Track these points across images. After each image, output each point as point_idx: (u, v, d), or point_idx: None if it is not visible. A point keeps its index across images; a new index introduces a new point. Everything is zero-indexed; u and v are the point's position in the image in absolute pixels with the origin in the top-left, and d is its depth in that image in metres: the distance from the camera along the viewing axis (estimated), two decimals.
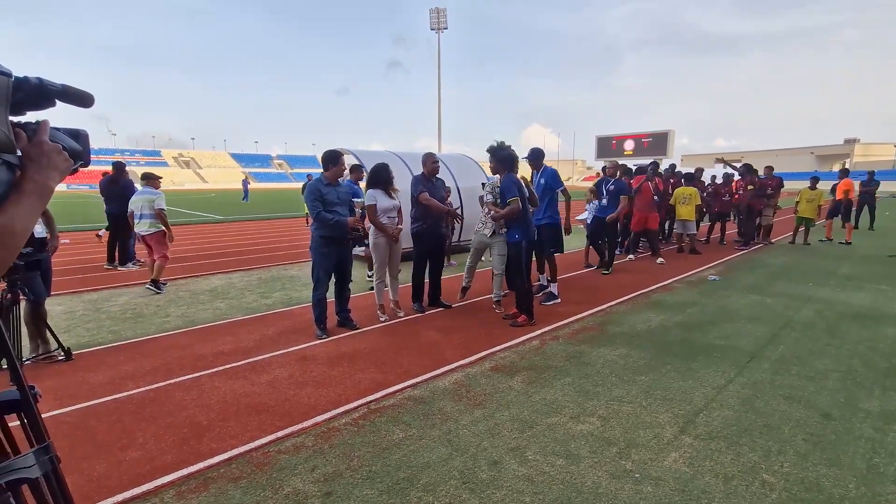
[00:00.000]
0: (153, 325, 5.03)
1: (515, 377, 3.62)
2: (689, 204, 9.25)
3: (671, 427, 2.88)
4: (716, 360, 3.92)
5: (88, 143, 1.15)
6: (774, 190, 10.51)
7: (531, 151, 5.98)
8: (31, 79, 0.96)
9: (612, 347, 4.22)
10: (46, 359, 3.98)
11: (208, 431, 2.87)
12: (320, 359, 4.03)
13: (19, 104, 0.94)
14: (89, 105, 1.06)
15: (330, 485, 2.36)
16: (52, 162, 0.95)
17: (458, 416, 3.04)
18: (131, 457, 2.62)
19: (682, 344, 4.31)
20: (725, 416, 3.01)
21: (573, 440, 2.74)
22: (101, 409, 3.17)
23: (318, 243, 4.56)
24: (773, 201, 10.46)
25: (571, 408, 3.13)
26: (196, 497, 2.28)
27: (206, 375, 3.69)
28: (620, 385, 3.47)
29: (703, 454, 2.59)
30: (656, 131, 48.95)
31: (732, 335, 4.53)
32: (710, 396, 3.28)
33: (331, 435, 2.83)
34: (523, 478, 2.40)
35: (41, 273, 3.95)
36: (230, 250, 10.52)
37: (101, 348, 4.35)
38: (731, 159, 12.91)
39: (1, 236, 0.83)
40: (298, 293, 6.34)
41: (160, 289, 6.50)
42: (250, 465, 2.53)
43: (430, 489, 2.32)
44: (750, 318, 5.05)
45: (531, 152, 5.97)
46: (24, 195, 0.89)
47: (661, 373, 3.67)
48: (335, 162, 4.57)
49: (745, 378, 3.57)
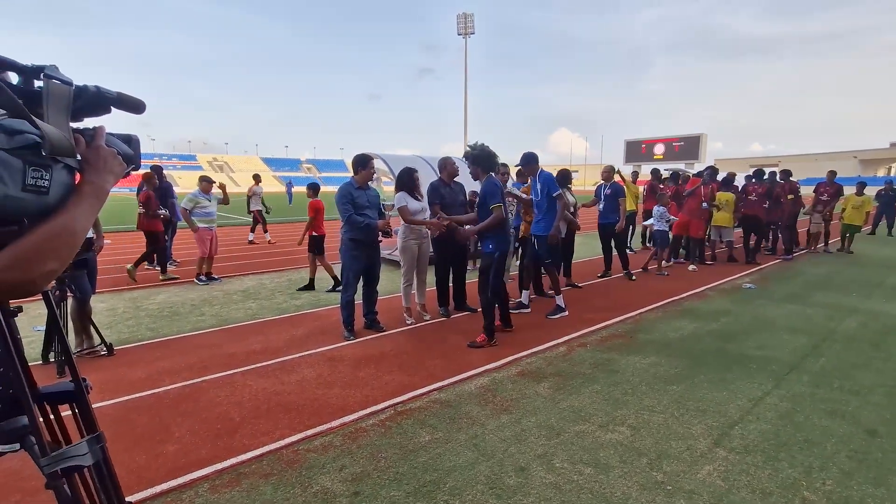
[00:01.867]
0: (189, 323, 5.20)
1: (542, 383, 3.58)
2: (725, 210, 8.93)
3: (705, 439, 2.80)
4: (752, 371, 3.78)
5: (139, 147, 1.21)
6: (832, 197, 10.17)
7: (523, 157, 5.42)
8: (90, 87, 1.02)
9: (642, 356, 4.13)
10: (90, 353, 4.18)
11: (241, 428, 2.95)
12: (348, 360, 4.09)
13: (79, 111, 1.00)
14: (141, 111, 1.11)
15: (357, 485, 2.39)
16: (108, 165, 1.01)
17: (484, 420, 3.03)
18: (168, 450, 2.71)
19: (715, 354, 4.17)
20: (762, 430, 2.90)
21: (602, 449, 2.69)
22: (141, 403, 3.31)
23: (348, 246, 4.64)
24: (828, 209, 10.08)
25: (600, 416, 3.08)
26: (229, 491, 2.34)
27: (238, 373, 3.80)
28: (651, 394, 3.38)
29: (738, 468, 2.50)
30: (688, 135, 47.74)
31: (769, 346, 4.36)
32: (745, 409, 3.16)
33: (358, 435, 2.87)
34: (551, 485, 2.37)
35: (87, 272, 4.14)
36: (260, 252, 10.80)
37: (141, 344, 4.53)
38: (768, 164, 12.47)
39: (63, 235, 0.88)
40: (326, 295, 6.45)
41: (204, 281, 7.16)
42: (280, 463, 2.58)
43: (457, 493, 2.32)
44: (788, 329, 4.85)
45: (523, 158, 5.43)
46: (83, 197, 0.94)
47: (694, 383, 3.56)
48: (364, 165, 4.65)
49: (784, 391, 3.43)
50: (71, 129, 0.96)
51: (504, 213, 4.35)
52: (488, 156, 4.38)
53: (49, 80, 0.94)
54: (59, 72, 0.98)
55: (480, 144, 4.43)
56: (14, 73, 0.95)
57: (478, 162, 4.38)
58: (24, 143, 0.85)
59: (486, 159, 4.38)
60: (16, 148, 0.84)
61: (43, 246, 0.85)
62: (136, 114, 1.11)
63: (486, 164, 4.38)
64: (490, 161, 4.40)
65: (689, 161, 42.95)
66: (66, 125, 0.94)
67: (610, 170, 7.90)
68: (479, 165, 4.38)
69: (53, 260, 0.86)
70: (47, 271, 0.86)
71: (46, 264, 0.85)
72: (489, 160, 4.38)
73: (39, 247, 0.85)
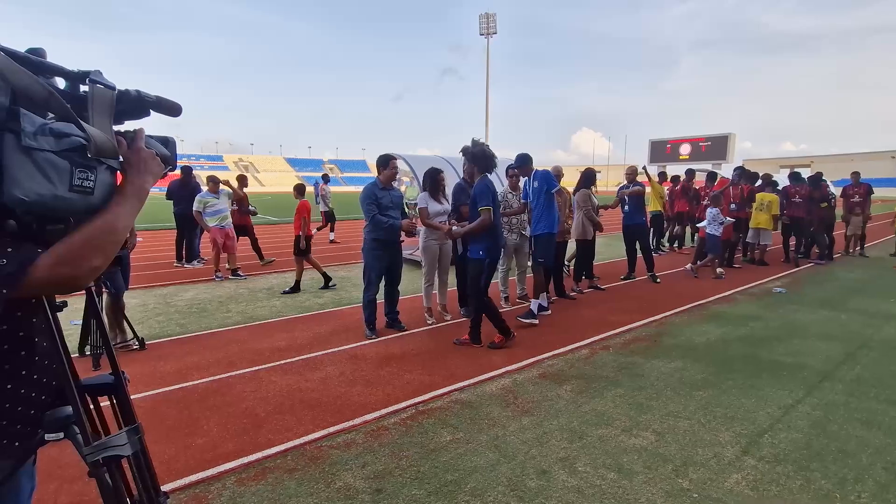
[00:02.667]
0: (216, 319, 5.34)
1: (564, 386, 3.55)
2: (766, 211, 8.63)
3: (732, 447, 2.72)
4: (783, 378, 3.67)
5: (175, 148, 1.25)
6: (864, 197, 9.75)
7: (518, 158, 5.27)
8: (131, 91, 1.06)
9: (667, 360, 4.05)
10: (123, 347, 4.33)
11: (266, 423, 3.02)
12: (370, 358, 4.13)
13: (120, 114, 1.04)
14: (178, 114, 1.15)
15: (380, 482, 2.41)
16: (148, 166, 1.05)
17: (505, 422, 3.02)
18: (197, 443, 2.79)
19: (744, 360, 4.06)
20: (793, 439, 2.80)
21: (625, 454, 2.65)
22: (171, 397, 3.41)
23: (371, 246, 4.68)
24: (866, 210, 9.71)
25: (623, 420, 3.03)
26: (255, 485, 2.40)
27: (263, 370, 3.88)
28: (676, 399, 3.32)
29: (768, 478, 2.43)
30: (715, 134, 46.49)
31: (801, 353, 4.22)
32: (776, 417, 3.07)
33: (380, 433, 2.89)
34: (573, 489, 2.35)
35: (121, 268, 4.29)
36: (285, 250, 10.98)
37: (170, 339, 4.67)
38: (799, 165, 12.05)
39: (107, 233, 0.92)
40: (348, 293, 6.53)
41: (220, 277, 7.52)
42: (305, 458, 2.63)
43: (478, 494, 2.31)
44: (821, 336, 4.68)
45: (518, 158, 5.27)
46: (125, 197, 0.99)
47: (721, 389, 3.48)
48: (385, 165, 4.68)
49: (816, 399, 3.32)
50: (113, 131, 1.00)
51: (493, 217, 4.13)
52: (486, 157, 4.23)
53: (94, 84, 0.98)
54: (103, 77, 1.02)
55: (481, 143, 4.30)
56: (61, 78, 1.00)
57: (475, 160, 4.27)
58: (72, 145, 0.89)
59: (484, 159, 4.24)
60: (64, 150, 0.88)
61: (89, 243, 0.89)
62: (172, 117, 1.15)
63: (482, 163, 4.25)
64: (487, 162, 4.25)
65: (716, 161, 41.83)
66: (109, 128, 0.98)
67: (633, 171, 7.76)
68: (477, 164, 4.27)
69: (99, 256, 0.91)
70: (93, 267, 0.90)
71: (92, 261, 0.90)
72: (486, 161, 4.24)
73: (86, 244, 0.89)
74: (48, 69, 0.97)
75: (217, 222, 7.30)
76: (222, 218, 7.36)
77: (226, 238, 7.38)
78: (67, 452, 1.01)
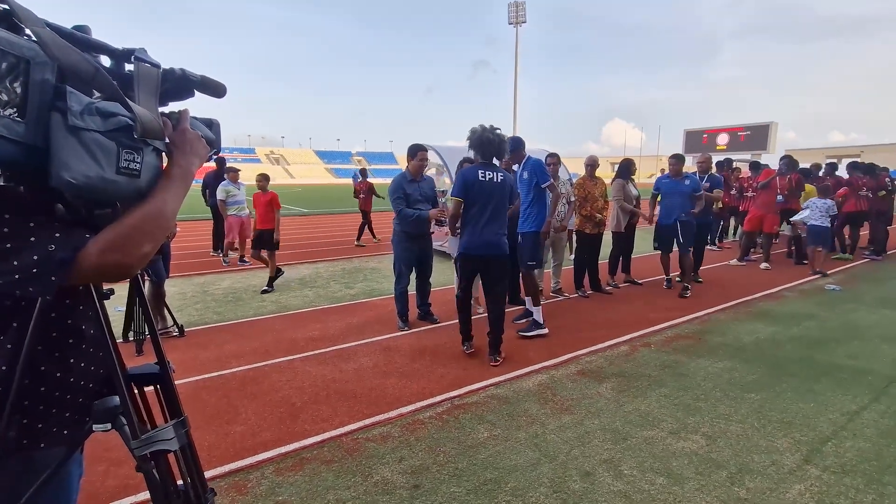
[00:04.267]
0: (251, 308, 5.42)
1: (604, 384, 3.41)
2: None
3: (792, 454, 2.54)
4: (844, 382, 3.42)
5: (220, 131, 1.20)
6: None
7: (510, 141, 4.44)
8: (176, 69, 1.00)
9: (714, 359, 3.84)
10: (164, 334, 4.44)
11: (302, 413, 3.02)
12: (403, 350, 4.09)
13: (165, 94, 0.98)
14: (222, 95, 1.09)
15: (417, 478, 2.36)
16: (193, 149, 0.99)
17: (544, 419, 2.92)
18: (236, 430, 2.81)
19: (800, 362, 3.81)
20: (861, 448, 2.59)
21: (674, 458, 2.51)
22: (210, 384, 3.46)
23: (400, 237, 4.63)
24: None
25: (670, 422, 2.88)
26: (293, 475, 2.38)
27: (298, 359, 3.89)
28: (726, 402, 3.13)
29: (835, 490, 2.25)
30: (755, 124, 44.35)
31: (863, 355, 3.93)
32: (839, 423, 2.85)
33: (416, 427, 2.84)
34: (619, 494, 2.23)
35: (162, 257, 4.39)
36: (315, 241, 11.13)
37: (208, 327, 4.77)
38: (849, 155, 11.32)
39: (157, 218, 0.87)
40: (380, 285, 6.52)
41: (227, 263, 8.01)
42: (341, 450, 2.60)
43: (519, 494, 2.23)
44: (885, 338, 4.35)
45: (510, 142, 4.44)
46: (172, 180, 0.93)
47: (776, 392, 3.27)
48: (413, 155, 4.60)
49: (884, 406, 3.07)
50: (159, 112, 0.95)
51: (456, 210, 3.75)
52: (483, 143, 3.69)
53: (139, 62, 0.93)
54: (148, 55, 0.97)
55: (482, 127, 3.74)
56: (106, 57, 0.96)
57: (472, 147, 3.78)
58: (118, 125, 0.84)
59: (480, 146, 3.71)
60: (111, 130, 0.83)
61: (139, 229, 0.84)
62: (217, 97, 1.10)
63: (477, 148, 3.74)
64: (483, 148, 3.70)
65: (756, 152, 39.99)
66: (155, 108, 0.93)
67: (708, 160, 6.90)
68: (476, 149, 3.77)
69: (149, 242, 0.86)
70: (144, 253, 0.86)
71: (143, 247, 0.85)
72: (482, 145, 3.70)
73: (136, 230, 0.84)
74: (94, 46, 0.92)
75: (235, 211, 7.64)
76: (240, 208, 7.68)
77: (241, 226, 7.69)
78: (114, 435, 0.99)
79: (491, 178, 3.68)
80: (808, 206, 7.28)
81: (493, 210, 3.70)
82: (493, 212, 3.69)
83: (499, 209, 3.73)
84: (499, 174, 3.73)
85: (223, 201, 7.53)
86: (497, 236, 3.73)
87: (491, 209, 3.69)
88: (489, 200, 3.68)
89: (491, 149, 3.71)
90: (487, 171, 3.69)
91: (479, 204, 3.67)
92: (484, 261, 3.78)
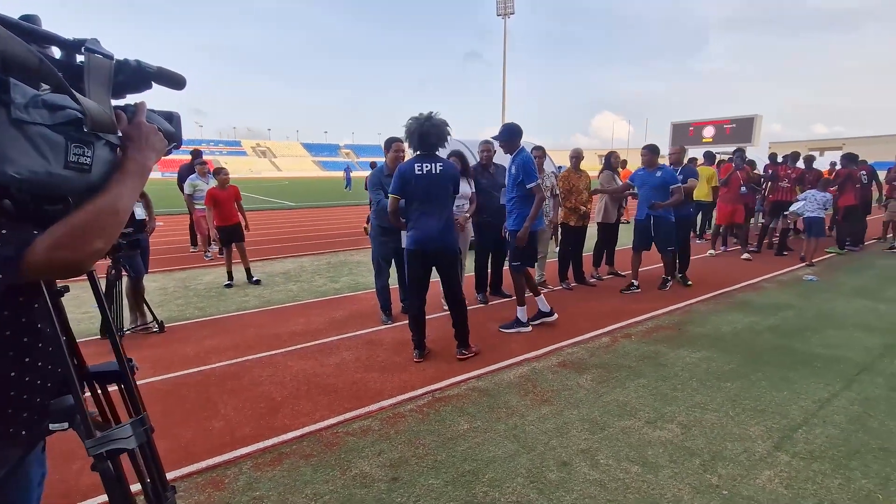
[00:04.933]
0: (234, 303, 5.37)
1: (584, 375, 3.45)
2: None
3: (764, 442, 2.60)
4: (817, 370, 3.50)
5: (181, 124, 1.17)
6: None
7: (502, 129, 4.20)
8: (131, 61, 0.97)
9: (693, 349, 3.91)
10: (143, 330, 4.38)
11: (282, 408, 3.00)
12: (386, 344, 4.09)
13: (120, 86, 0.96)
14: (181, 87, 1.07)
15: (396, 470, 2.37)
16: (150, 142, 0.97)
17: (524, 411, 2.95)
18: (215, 426, 2.79)
19: (775, 350, 3.89)
20: (830, 435, 2.66)
21: (650, 447, 2.55)
22: (190, 380, 3.43)
23: (377, 232, 4.60)
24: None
25: (647, 412, 2.93)
26: (271, 470, 2.38)
27: (279, 354, 3.87)
28: (703, 391, 3.19)
29: (803, 476, 2.31)
30: (740, 116, 44.86)
31: (838, 344, 4.02)
32: (810, 411, 2.93)
33: (396, 420, 2.85)
34: (595, 482, 2.27)
35: (140, 252, 4.32)
36: (301, 235, 11.04)
37: (189, 322, 4.71)
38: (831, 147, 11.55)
39: (109, 214, 0.85)
40: (365, 278, 6.50)
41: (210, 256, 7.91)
42: (320, 444, 2.60)
43: (496, 485, 2.25)
44: (859, 326, 4.46)
45: (502, 130, 4.19)
46: (126, 174, 0.91)
47: (751, 381, 3.33)
48: (388, 148, 4.51)
49: (854, 393, 3.15)
50: (112, 105, 0.93)
51: (394, 206, 3.60)
52: (422, 134, 3.49)
53: (90, 53, 0.90)
54: (101, 45, 0.94)
55: (431, 116, 3.53)
56: (56, 48, 0.93)
57: (414, 137, 3.55)
58: (66, 118, 0.81)
59: (419, 136, 3.51)
60: (58, 124, 0.81)
61: (89, 225, 0.82)
62: (176, 89, 1.07)
63: (417, 141, 3.53)
64: (421, 139, 3.51)
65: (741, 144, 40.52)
66: (107, 100, 0.91)
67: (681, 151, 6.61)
68: (414, 140, 3.55)
69: (100, 239, 0.84)
70: (95, 250, 0.83)
71: (94, 243, 0.83)
72: (420, 137, 3.51)
73: (86, 226, 0.82)
74: (41, 37, 0.89)
75: (203, 205, 7.45)
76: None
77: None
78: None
79: (429, 171, 3.51)
80: (804, 198, 7.41)
81: (436, 204, 3.56)
82: (435, 205, 3.55)
83: (441, 202, 3.58)
84: (438, 165, 3.54)
85: (190, 196, 7.53)
86: (440, 230, 3.57)
87: (432, 203, 3.54)
88: (429, 194, 3.53)
89: (430, 139, 3.51)
90: (425, 163, 3.52)
91: (419, 199, 3.54)
92: (429, 255, 3.63)
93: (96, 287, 1.12)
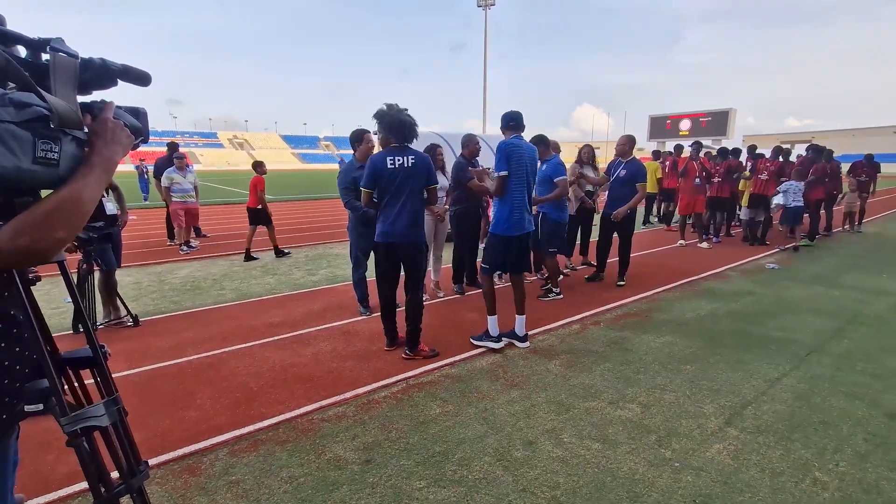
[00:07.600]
0: (210, 296, 5.36)
1: (554, 360, 3.60)
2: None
3: (716, 418, 2.78)
4: (771, 352, 3.72)
5: (147, 120, 1.22)
6: (871, 176, 10.33)
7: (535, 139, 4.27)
8: (95, 59, 1.03)
9: (657, 335, 4.09)
10: (117, 324, 4.35)
11: (258, 397, 3.06)
12: (362, 334, 4.17)
13: (86, 84, 1.01)
14: (147, 84, 1.12)
15: (369, 453, 2.46)
16: (116, 137, 1.02)
17: (494, 395, 3.07)
18: (191, 416, 2.84)
19: (734, 334, 4.10)
20: (777, 411, 2.86)
21: (611, 425, 2.70)
22: (166, 372, 3.45)
23: (354, 224, 4.63)
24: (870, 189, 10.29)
25: (610, 393, 3.08)
26: (247, 456, 2.45)
27: (257, 345, 3.91)
28: (663, 373, 3.37)
29: (749, 448, 2.49)
30: (715, 110, 45.85)
31: (791, 328, 4.26)
32: (760, 389, 3.12)
33: (371, 407, 2.94)
34: (558, 459, 2.40)
35: (112, 245, 4.28)
36: (279, 228, 10.94)
37: (165, 316, 4.70)
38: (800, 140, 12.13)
39: (72, 205, 0.90)
40: (343, 271, 6.53)
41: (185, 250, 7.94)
42: (296, 431, 2.68)
43: (465, 464, 2.37)
44: (812, 311, 4.73)
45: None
46: (92, 168, 0.97)
47: (709, 363, 3.53)
48: (360, 140, 4.41)
49: (802, 372, 3.37)
50: (77, 101, 0.98)
51: (367, 200, 3.58)
52: (403, 125, 3.45)
53: (55, 52, 0.95)
54: (66, 44, 0.99)
55: (397, 108, 3.50)
56: (21, 47, 0.97)
57: (391, 130, 3.48)
58: (33, 115, 0.87)
59: (401, 128, 3.46)
60: (25, 121, 0.86)
61: (52, 215, 0.88)
62: (142, 86, 1.12)
63: (397, 132, 3.47)
64: (406, 131, 3.47)
65: (716, 137, 41.42)
66: (73, 97, 0.96)
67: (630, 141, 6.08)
68: (392, 135, 3.49)
69: (62, 228, 0.89)
70: (56, 239, 0.89)
71: (55, 232, 0.88)
72: (403, 130, 3.46)
73: (49, 215, 0.87)
74: (7, 36, 0.94)
75: (179, 198, 7.65)
76: (185, 195, 7.69)
77: (186, 213, 7.77)
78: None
79: (401, 164, 3.44)
80: (785, 189, 7.70)
81: (407, 197, 3.49)
82: (404, 199, 3.48)
83: (412, 196, 3.51)
84: (410, 158, 3.47)
85: (167, 188, 7.55)
86: (408, 224, 3.52)
87: (403, 196, 3.48)
88: (400, 188, 3.46)
89: (403, 129, 3.46)
90: (397, 156, 3.45)
91: (390, 192, 3.48)
92: (396, 249, 3.59)
93: (68, 279, 1.16)
